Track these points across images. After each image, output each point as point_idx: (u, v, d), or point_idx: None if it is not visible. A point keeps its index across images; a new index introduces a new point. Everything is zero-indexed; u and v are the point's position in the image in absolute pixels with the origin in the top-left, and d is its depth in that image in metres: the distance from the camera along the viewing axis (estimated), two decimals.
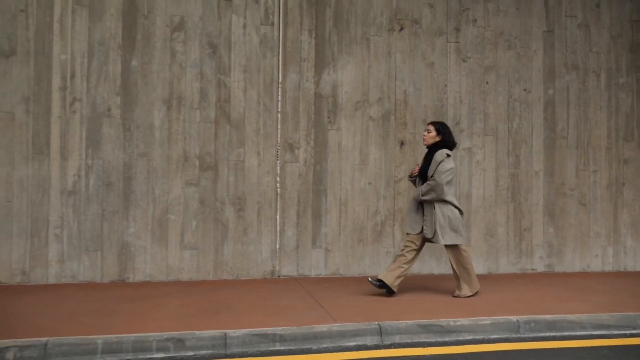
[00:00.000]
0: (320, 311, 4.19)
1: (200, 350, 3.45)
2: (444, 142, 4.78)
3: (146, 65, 5.26)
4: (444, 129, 4.82)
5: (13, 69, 4.94)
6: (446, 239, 4.64)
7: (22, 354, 3.20)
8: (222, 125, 5.45)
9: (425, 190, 4.66)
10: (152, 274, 5.23)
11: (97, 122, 5.12)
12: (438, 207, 4.63)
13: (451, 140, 4.84)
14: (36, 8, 5.00)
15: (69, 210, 5.04)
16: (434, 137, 4.80)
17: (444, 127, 4.83)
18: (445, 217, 4.64)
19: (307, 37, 5.71)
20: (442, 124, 4.87)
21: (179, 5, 5.37)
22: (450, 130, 4.89)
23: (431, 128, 4.82)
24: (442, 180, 4.60)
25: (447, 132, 4.82)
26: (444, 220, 4.63)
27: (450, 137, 4.84)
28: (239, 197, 5.47)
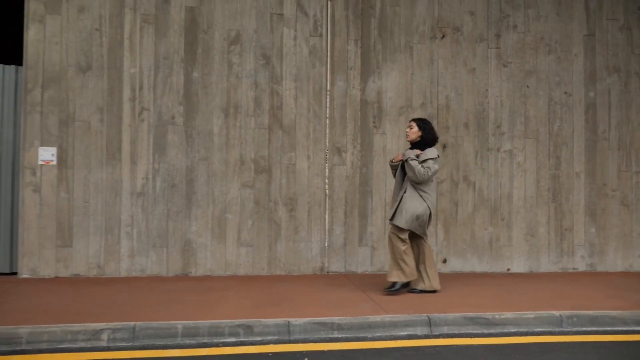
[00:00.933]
0: (372, 304, 4.51)
1: (267, 336, 3.83)
2: (426, 137, 4.97)
3: (206, 77, 5.70)
4: (425, 125, 5.00)
5: (89, 83, 5.46)
6: (399, 220, 4.78)
7: (114, 335, 3.65)
8: (275, 131, 5.84)
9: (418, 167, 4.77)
10: (212, 269, 5.67)
11: (162, 129, 5.59)
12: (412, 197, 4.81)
13: (432, 135, 5.02)
14: (109, 27, 5.52)
15: (138, 210, 5.53)
16: (416, 132, 4.99)
17: (425, 124, 5.03)
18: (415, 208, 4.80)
19: (354, 47, 6.04)
20: (424, 121, 5.07)
21: (235, 20, 5.79)
22: (432, 126, 5.07)
23: (413, 125, 5.03)
24: (431, 175, 4.78)
25: (428, 128, 5.01)
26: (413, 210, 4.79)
27: (431, 133, 5.01)
28: (291, 198, 5.85)
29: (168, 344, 3.68)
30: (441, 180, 6.16)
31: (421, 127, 4.96)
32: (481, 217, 6.22)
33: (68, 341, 3.59)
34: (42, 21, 5.37)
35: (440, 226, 6.14)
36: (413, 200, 4.82)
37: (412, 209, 4.79)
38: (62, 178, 5.38)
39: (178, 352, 3.55)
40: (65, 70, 5.40)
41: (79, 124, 5.42)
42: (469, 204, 6.20)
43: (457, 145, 6.20)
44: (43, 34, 5.37)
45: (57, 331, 3.60)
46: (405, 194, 4.84)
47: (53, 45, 5.39)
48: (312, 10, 5.96)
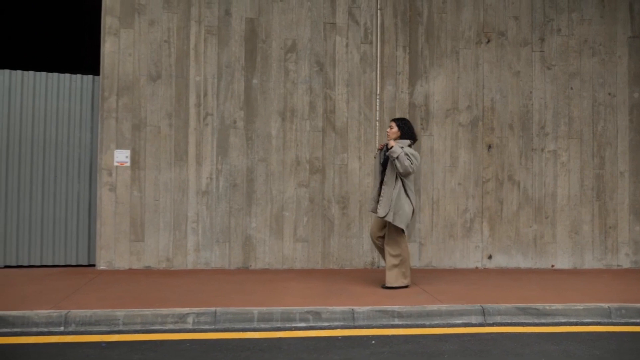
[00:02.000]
0: (426, 295, 4.82)
1: (334, 322, 4.19)
2: (405, 137, 5.13)
3: (264, 83, 6.10)
4: (404, 125, 5.18)
5: (159, 90, 5.93)
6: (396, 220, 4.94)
7: (199, 319, 4.07)
8: (328, 133, 6.20)
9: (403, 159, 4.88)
10: (270, 263, 6.06)
11: (225, 132, 6.02)
12: (397, 194, 4.98)
13: (411, 135, 5.17)
14: (176, 39, 5.97)
15: (203, 208, 5.97)
16: (396, 132, 5.14)
17: (404, 123, 5.19)
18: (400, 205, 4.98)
19: (402, 53, 6.35)
20: (403, 120, 5.27)
21: (291, 30, 6.17)
22: (412, 126, 5.25)
23: (393, 124, 5.21)
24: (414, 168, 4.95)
25: (407, 128, 5.17)
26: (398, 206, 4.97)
27: (410, 132, 5.17)
28: (343, 196, 6.19)
29: (246, 327, 4.08)
30: (486, 180, 6.40)
31: (400, 126, 5.16)
32: (525, 215, 6.43)
33: (159, 323, 4.03)
34: (117, 34, 5.87)
35: (486, 223, 6.38)
36: (404, 200, 4.98)
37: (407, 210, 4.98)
38: (135, 178, 5.86)
39: (256, 335, 3.93)
40: (137, 79, 5.88)
41: (150, 129, 5.89)
42: (513, 202, 6.42)
43: (502, 146, 6.44)
44: (118, 46, 5.87)
45: (148, 314, 4.04)
46: (394, 191, 4.97)
47: (127, 56, 5.87)
48: (362, 19, 6.30)
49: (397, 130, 5.12)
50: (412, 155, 4.96)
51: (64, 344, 3.65)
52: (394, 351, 3.62)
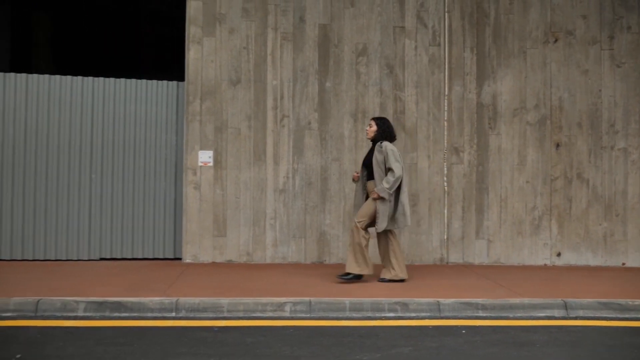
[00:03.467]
0: (503, 289, 4.99)
1: (421, 312, 4.42)
2: (384, 135, 5.25)
3: (337, 86, 6.38)
4: (383, 124, 5.30)
5: (239, 94, 6.29)
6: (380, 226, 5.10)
7: (295, 307, 4.37)
8: (398, 133, 6.40)
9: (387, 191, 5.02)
10: (343, 258, 6.31)
11: (300, 133, 6.32)
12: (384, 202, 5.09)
13: (389, 133, 5.29)
14: (254, 45, 6.32)
15: (280, 205, 6.29)
16: (374, 130, 5.29)
17: (383, 122, 5.32)
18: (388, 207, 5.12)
19: (470, 54, 6.51)
20: (382, 119, 5.40)
21: (362, 35, 6.42)
22: (390, 125, 5.35)
23: (372, 123, 5.36)
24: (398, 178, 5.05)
25: (385, 127, 5.29)
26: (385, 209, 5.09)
27: (388, 131, 5.28)
28: (413, 194, 6.40)
29: (339, 316, 4.36)
30: (555, 178, 6.48)
31: (379, 125, 5.31)
32: (595, 213, 6.48)
33: (259, 311, 4.35)
34: (200, 43, 6.26)
35: (554, 221, 6.46)
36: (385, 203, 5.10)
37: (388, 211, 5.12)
38: (217, 177, 6.24)
39: (350, 323, 4.20)
40: (219, 84, 6.26)
41: (231, 130, 6.26)
42: (582, 200, 6.48)
43: (570, 144, 6.50)
44: (201, 53, 6.26)
45: (249, 303, 4.37)
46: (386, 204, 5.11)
47: (209, 63, 6.26)
48: (430, 22, 6.49)
49: (376, 128, 5.29)
50: (391, 151, 5.07)
51: (180, 327, 4.01)
52: (485, 340, 3.82)
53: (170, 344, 3.61)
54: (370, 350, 3.56)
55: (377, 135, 5.27)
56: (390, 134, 5.31)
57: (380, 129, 5.27)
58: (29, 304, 4.22)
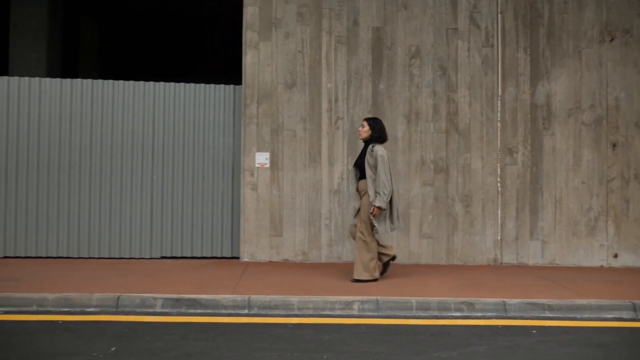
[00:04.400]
0: (566, 290, 4.99)
1: (487, 312, 4.47)
2: (375, 135, 5.29)
3: (390, 88, 6.46)
4: (375, 125, 5.34)
5: (294, 97, 6.43)
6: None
7: (363, 306, 4.47)
8: (451, 134, 6.46)
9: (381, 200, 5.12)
10: (398, 258, 6.40)
11: (354, 135, 6.42)
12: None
13: (381, 134, 5.34)
14: (309, 49, 6.45)
15: (335, 205, 6.41)
16: (367, 131, 5.33)
17: (375, 123, 5.36)
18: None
19: (523, 54, 6.50)
20: (375, 120, 5.43)
21: (415, 37, 6.49)
22: (382, 125, 5.38)
23: (365, 124, 5.40)
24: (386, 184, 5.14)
25: (378, 128, 5.33)
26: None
27: (381, 132, 5.33)
28: (466, 195, 6.44)
29: (406, 315, 4.44)
30: (611, 178, 6.43)
31: (372, 126, 5.36)
32: None
33: (328, 309, 4.47)
34: (256, 47, 6.42)
35: (611, 222, 6.41)
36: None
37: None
38: (274, 178, 6.39)
39: (419, 321, 4.28)
40: (275, 87, 6.41)
41: (286, 132, 6.41)
42: None
43: (627, 145, 6.44)
44: (257, 57, 6.42)
45: (318, 301, 4.49)
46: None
47: (265, 66, 6.41)
48: (483, 23, 6.51)
49: (368, 129, 5.36)
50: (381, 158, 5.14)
51: (255, 324, 4.16)
52: (557, 340, 3.86)
53: (250, 339, 3.75)
54: (445, 348, 3.64)
55: (369, 137, 5.35)
56: (383, 135, 5.40)
57: (373, 130, 5.35)
58: (110, 300, 4.43)
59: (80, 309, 4.38)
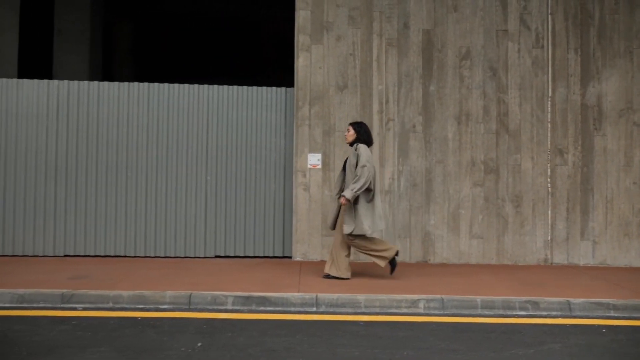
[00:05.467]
0: (626, 290, 5.01)
1: (551, 311, 4.52)
2: (360, 139, 5.38)
3: (441, 90, 6.52)
4: (360, 128, 5.42)
5: (345, 99, 6.53)
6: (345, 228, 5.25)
7: (428, 304, 4.56)
8: (501, 135, 6.50)
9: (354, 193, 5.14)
10: (448, 258, 6.47)
11: (405, 136, 6.50)
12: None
13: (366, 137, 5.41)
14: (360, 51, 6.54)
15: (386, 206, 6.49)
16: (352, 135, 5.42)
17: (360, 127, 5.44)
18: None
19: (573, 55, 6.51)
20: (359, 124, 5.47)
21: (465, 39, 6.54)
22: (368, 129, 5.45)
23: (350, 128, 5.46)
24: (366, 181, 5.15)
25: (362, 131, 5.41)
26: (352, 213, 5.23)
27: (365, 135, 5.40)
28: (517, 195, 6.47)
29: (471, 313, 4.51)
30: None
31: (357, 130, 5.44)
32: None
33: (394, 307, 4.56)
34: (308, 50, 6.54)
35: None
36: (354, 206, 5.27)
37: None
38: (325, 179, 6.50)
39: (485, 320, 4.35)
40: (327, 89, 6.52)
41: (338, 134, 6.51)
42: None
43: None
44: (309, 60, 6.53)
45: (385, 299, 4.58)
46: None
47: (317, 69, 6.53)
48: (533, 24, 6.54)
49: (353, 133, 5.45)
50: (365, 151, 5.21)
51: (327, 321, 4.26)
52: (630, 339, 3.90)
53: (328, 336, 3.85)
54: (520, 345, 3.70)
55: (355, 140, 5.44)
56: (368, 138, 5.47)
57: (358, 133, 5.43)
58: (182, 297, 4.58)
59: (154, 305, 4.54)
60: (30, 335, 3.76)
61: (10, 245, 6.43)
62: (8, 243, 6.42)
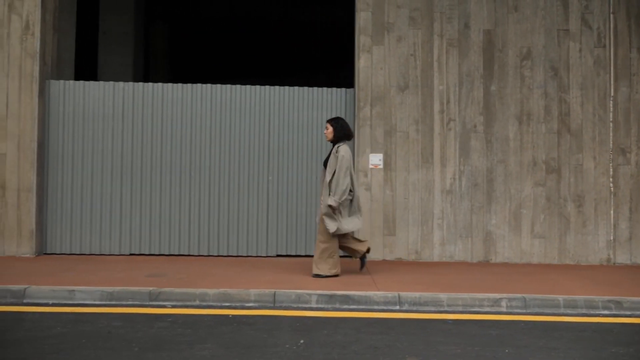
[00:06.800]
0: None
1: (635, 311, 4.54)
2: (338, 135, 5.40)
3: (502, 89, 6.54)
4: (337, 124, 5.44)
5: (406, 99, 6.58)
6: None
7: (511, 303, 4.59)
8: (563, 135, 6.50)
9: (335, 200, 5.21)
10: (509, 257, 6.49)
11: (466, 136, 6.54)
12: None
13: (345, 132, 5.43)
14: (421, 52, 6.59)
15: (447, 205, 6.53)
16: (331, 132, 5.44)
17: (336, 122, 5.46)
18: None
19: (636, 54, 6.49)
20: (336, 120, 5.48)
21: (526, 39, 6.55)
22: (346, 124, 5.47)
23: (328, 125, 5.47)
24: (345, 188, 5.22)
25: (339, 127, 5.42)
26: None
27: (343, 130, 5.42)
28: (578, 195, 6.47)
29: (554, 312, 4.54)
30: None
31: (334, 126, 5.45)
32: None
33: (477, 306, 4.61)
34: (369, 51, 6.60)
35: None
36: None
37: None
38: (387, 179, 6.55)
39: (570, 319, 4.38)
40: (388, 90, 6.57)
41: (399, 134, 6.56)
42: None
43: None
44: (370, 61, 6.59)
45: (467, 298, 4.63)
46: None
47: (378, 70, 6.58)
48: (595, 24, 6.53)
49: (331, 130, 5.46)
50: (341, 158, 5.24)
51: (414, 319, 4.32)
52: None
53: (422, 334, 3.91)
54: (618, 344, 3.73)
55: (334, 137, 5.46)
56: (347, 132, 5.49)
57: (335, 129, 5.46)
58: (267, 296, 4.66)
59: (240, 304, 4.63)
60: (133, 332, 3.87)
61: (77, 244, 6.58)
62: (76, 242, 6.58)
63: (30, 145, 6.34)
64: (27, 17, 6.38)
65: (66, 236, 6.59)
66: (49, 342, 3.61)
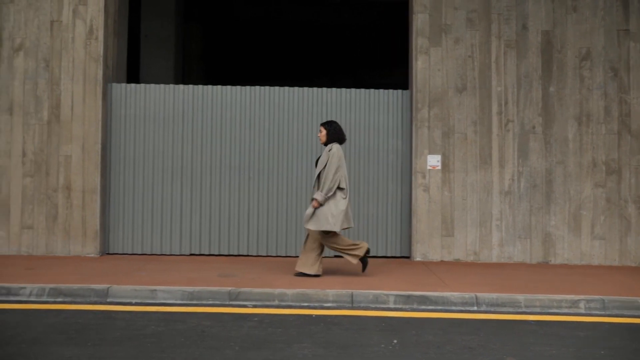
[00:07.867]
0: None
1: None
2: (331, 138, 5.44)
3: (560, 90, 6.54)
4: (330, 127, 5.48)
5: (464, 101, 6.60)
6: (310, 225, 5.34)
7: (589, 305, 4.60)
8: (623, 135, 6.48)
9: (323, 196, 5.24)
10: (569, 259, 6.49)
11: (524, 137, 6.54)
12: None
13: (338, 135, 5.46)
14: (478, 53, 6.61)
15: (506, 206, 6.54)
16: (324, 135, 5.49)
17: (330, 125, 5.50)
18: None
19: None
20: (330, 123, 5.53)
21: (585, 39, 6.54)
22: (339, 127, 5.51)
23: (322, 129, 5.53)
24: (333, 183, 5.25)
25: (332, 130, 5.47)
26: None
27: (335, 133, 5.45)
28: (639, 196, 6.44)
29: (634, 314, 4.54)
30: None
31: (327, 129, 5.50)
32: None
33: (555, 307, 4.63)
34: (427, 53, 6.63)
35: None
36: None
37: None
38: (445, 180, 6.58)
39: None
40: (445, 91, 6.60)
41: (457, 135, 6.59)
42: None
43: None
44: (428, 63, 6.63)
45: (544, 299, 4.65)
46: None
47: (436, 71, 6.62)
48: None
49: (325, 133, 5.50)
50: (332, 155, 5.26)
51: (495, 320, 4.35)
52: None
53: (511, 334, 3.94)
54: None
55: (327, 140, 5.51)
56: (339, 136, 5.53)
57: (329, 132, 5.50)
58: (344, 296, 4.72)
59: (318, 304, 4.69)
60: (225, 331, 3.95)
61: (139, 244, 6.71)
62: (137, 242, 6.71)
63: (95, 148, 6.48)
64: (91, 21, 6.52)
65: (128, 236, 6.72)
66: (149, 340, 3.71)
